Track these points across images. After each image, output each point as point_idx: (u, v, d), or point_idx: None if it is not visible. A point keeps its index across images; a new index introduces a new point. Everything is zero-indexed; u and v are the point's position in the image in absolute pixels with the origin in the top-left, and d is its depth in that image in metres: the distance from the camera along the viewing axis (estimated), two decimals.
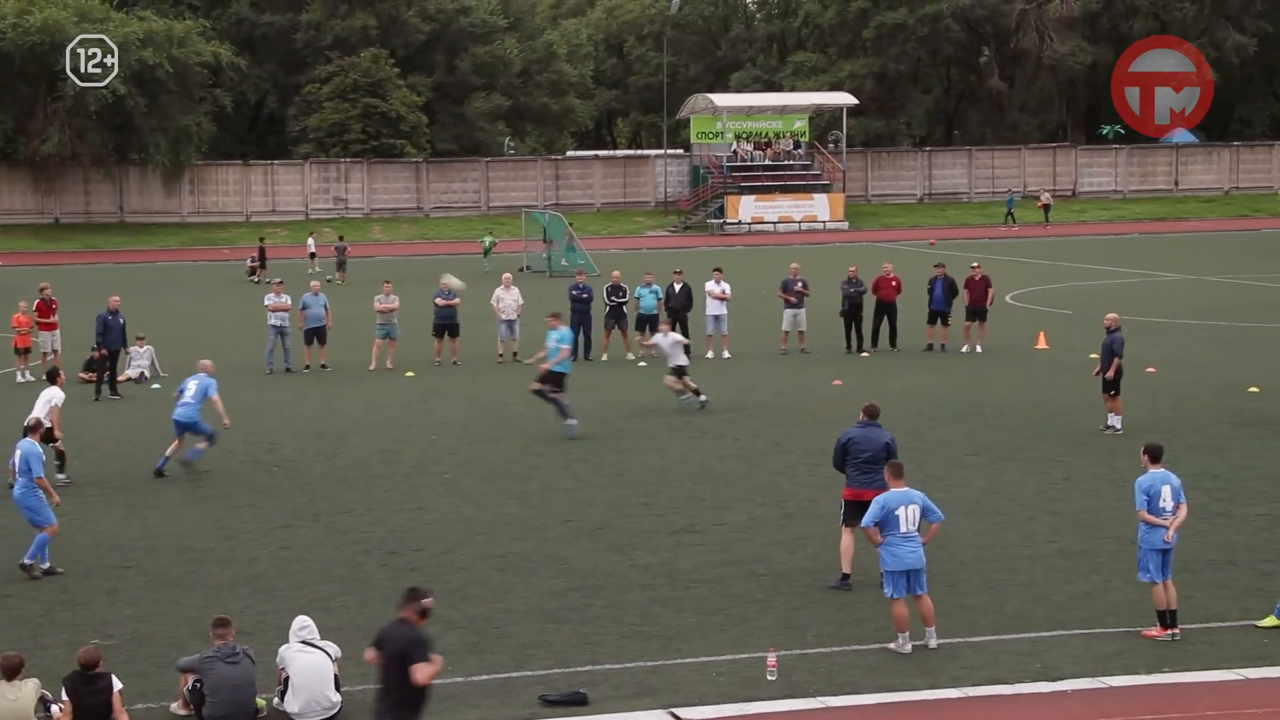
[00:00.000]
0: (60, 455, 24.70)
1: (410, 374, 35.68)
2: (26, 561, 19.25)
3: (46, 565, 19.40)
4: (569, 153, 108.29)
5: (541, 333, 39.48)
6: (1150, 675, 15.50)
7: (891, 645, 16.28)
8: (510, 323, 37.37)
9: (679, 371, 30.62)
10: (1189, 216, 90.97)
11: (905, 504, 16.33)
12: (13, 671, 13.70)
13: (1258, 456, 25.40)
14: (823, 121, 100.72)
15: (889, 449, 18.31)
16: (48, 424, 23.35)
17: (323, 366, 36.50)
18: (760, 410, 30.54)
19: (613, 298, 37.69)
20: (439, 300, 37.41)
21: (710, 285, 38.10)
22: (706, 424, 29.12)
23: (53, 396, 24.28)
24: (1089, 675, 15.48)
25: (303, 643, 14.83)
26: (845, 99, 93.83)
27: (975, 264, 39.55)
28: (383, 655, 12.35)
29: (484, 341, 38.83)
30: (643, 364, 36.74)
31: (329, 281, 55.85)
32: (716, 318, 37.98)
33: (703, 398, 30.51)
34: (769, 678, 15.29)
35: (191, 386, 25.72)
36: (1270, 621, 16.78)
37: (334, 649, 14.98)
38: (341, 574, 19.30)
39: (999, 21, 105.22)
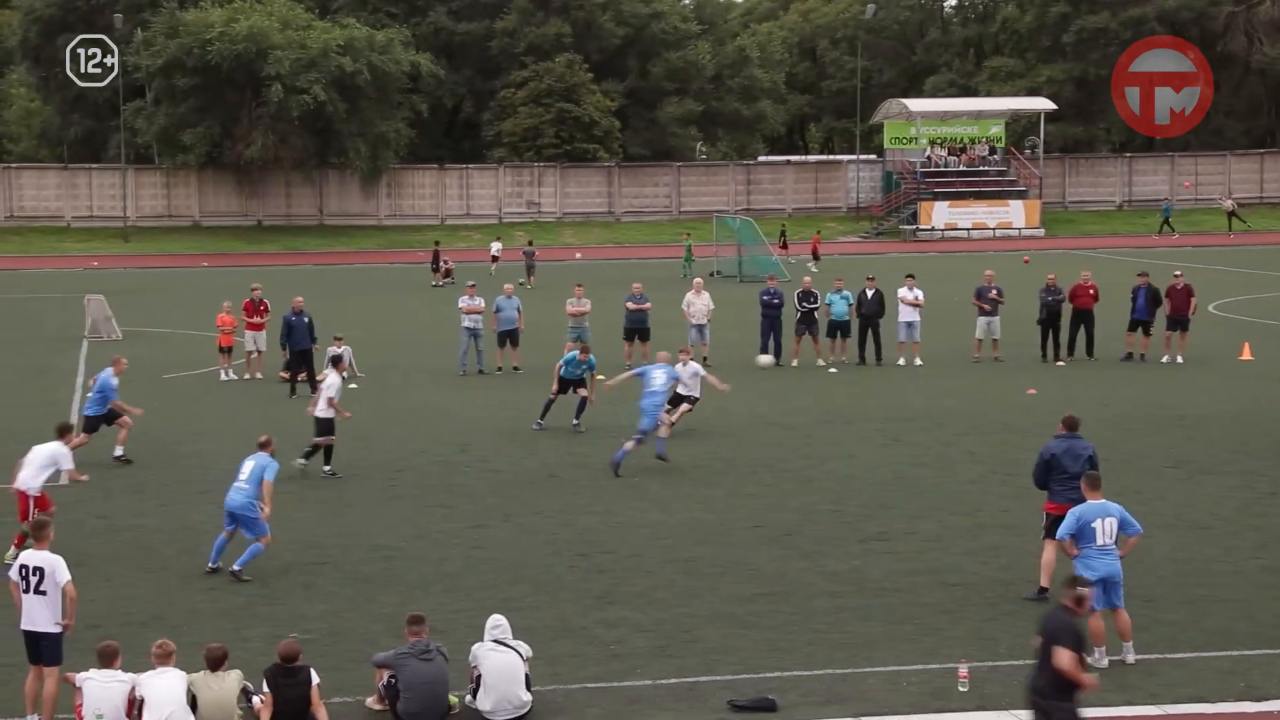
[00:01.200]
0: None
1: (601, 377, 35.81)
2: (236, 569, 19.53)
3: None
4: (760, 158, 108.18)
5: (732, 337, 39.47)
6: None
7: (1087, 659, 15.92)
8: (700, 327, 37.36)
9: (679, 401, 28.08)
10: None
11: (1102, 516, 15.98)
12: (217, 662, 14.05)
13: None
14: (1019, 127, 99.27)
15: (1092, 461, 17.94)
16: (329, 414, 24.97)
17: (515, 369, 36.84)
18: (952, 418, 30.14)
19: (804, 303, 37.48)
20: (630, 304, 37.58)
21: (903, 291, 37.74)
22: (897, 431, 28.82)
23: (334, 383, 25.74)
24: None
25: (495, 641, 14.97)
26: (1043, 104, 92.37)
27: (1178, 272, 38.64)
28: (1040, 639, 12.83)
29: (675, 346, 38.86)
30: (833, 370, 36.53)
31: (520, 285, 56.45)
32: (909, 324, 37.60)
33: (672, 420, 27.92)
34: (960, 689, 15.05)
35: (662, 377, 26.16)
36: None
37: (525, 649, 15.09)
38: (532, 575, 19.44)
39: (1205, 24, 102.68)
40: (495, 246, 68.64)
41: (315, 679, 14.10)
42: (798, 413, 30.94)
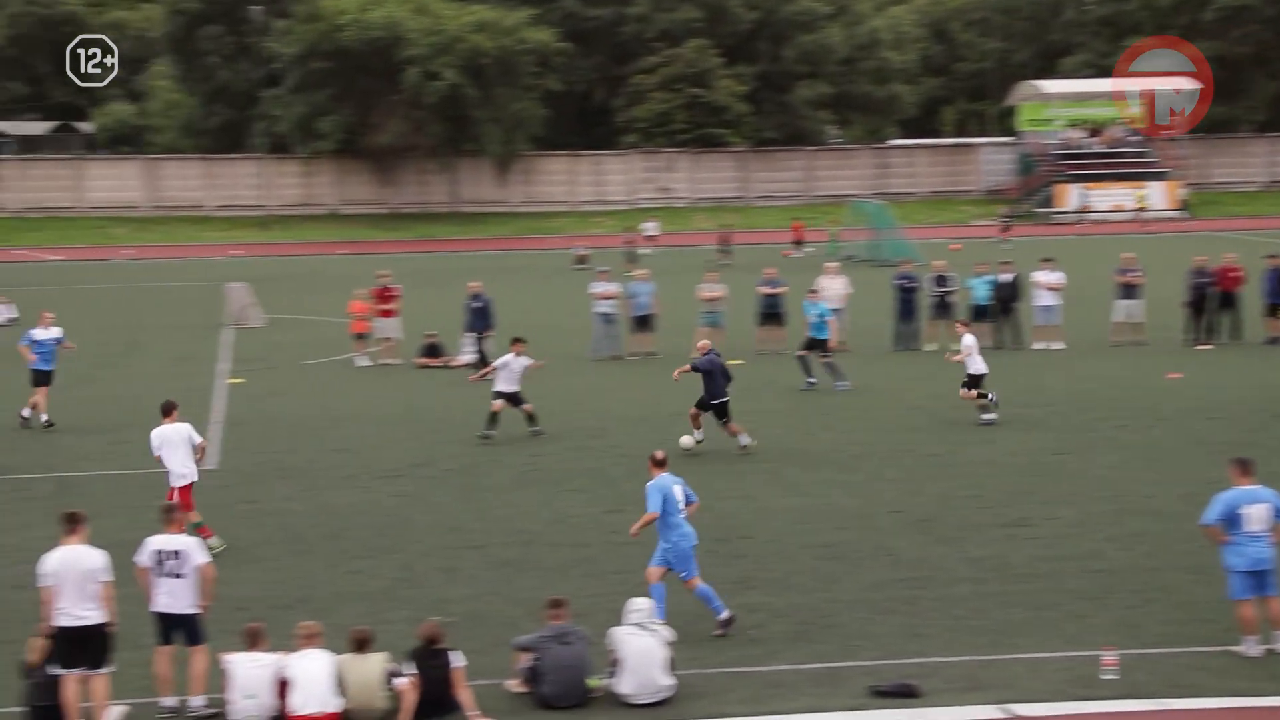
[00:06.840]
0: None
1: (739, 361, 35.73)
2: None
3: None
4: (893, 141, 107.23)
5: (865, 323, 39.14)
6: None
7: (1237, 648, 15.62)
8: (836, 311, 37.13)
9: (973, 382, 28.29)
10: None
11: (1253, 502, 15.64)
12: (362, 644, 14.23)
13: None
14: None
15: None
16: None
17: (650, 354, 36.87)
18: (1093, 403, 29.69)
19: (938, 288, 37.14)
20: (763, 289, 37.47)
21: (1040, 275, 37.24)
22: (1038, 417, 28.44)
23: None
24: None
25: (635, 625, 15.00)
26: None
27: None
28: None
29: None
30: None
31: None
32: (1047, 308, 37.10)
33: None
34: (1106, 677, 14.83)
35: None
36: None
37: (667, 633, 15.10)
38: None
39: None
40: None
41: (458, 661, 14.23)
42: (936, 398, 30.60)
